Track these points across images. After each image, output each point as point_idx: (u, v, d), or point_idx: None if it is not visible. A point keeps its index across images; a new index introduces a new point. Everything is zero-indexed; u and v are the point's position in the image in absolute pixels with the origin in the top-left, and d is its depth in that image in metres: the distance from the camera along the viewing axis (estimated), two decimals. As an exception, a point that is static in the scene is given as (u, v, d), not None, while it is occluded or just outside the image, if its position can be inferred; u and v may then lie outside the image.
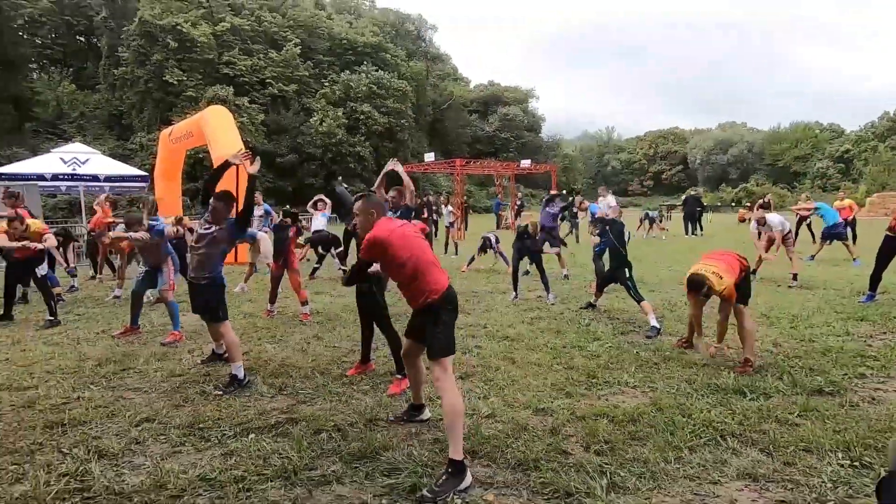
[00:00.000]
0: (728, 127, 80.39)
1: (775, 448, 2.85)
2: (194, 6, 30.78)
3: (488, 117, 59.95)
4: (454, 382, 2.66)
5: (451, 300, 2.77)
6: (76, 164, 12.80)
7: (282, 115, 29.97)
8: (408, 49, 48.19)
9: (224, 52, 29.47)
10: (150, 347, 4.87)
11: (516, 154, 58.05)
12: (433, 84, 54.73)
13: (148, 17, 27.70)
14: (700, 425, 3.12)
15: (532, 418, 3.24)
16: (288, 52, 31.41)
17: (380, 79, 33.45)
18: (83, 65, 38.27)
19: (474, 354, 4.57)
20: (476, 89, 66.64)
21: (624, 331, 5.35)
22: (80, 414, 3.29)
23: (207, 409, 3.39)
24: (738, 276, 4.17)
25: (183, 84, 27.58)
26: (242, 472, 2.60)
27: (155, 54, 27.41)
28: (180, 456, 2.80)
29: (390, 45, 39.90)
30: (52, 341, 5.09)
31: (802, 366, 4.16)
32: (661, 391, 3.69)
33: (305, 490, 2.46)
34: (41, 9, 37.40)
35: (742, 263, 4.28)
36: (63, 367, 4.24)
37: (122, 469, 2.66)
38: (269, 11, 33.29)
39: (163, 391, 3.76)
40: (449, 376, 2.61)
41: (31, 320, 6.00)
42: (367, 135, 31.26)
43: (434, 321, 2.72)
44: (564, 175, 67.44)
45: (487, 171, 22.56)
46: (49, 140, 26.75)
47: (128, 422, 3.19)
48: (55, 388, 3.79)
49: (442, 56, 62.53)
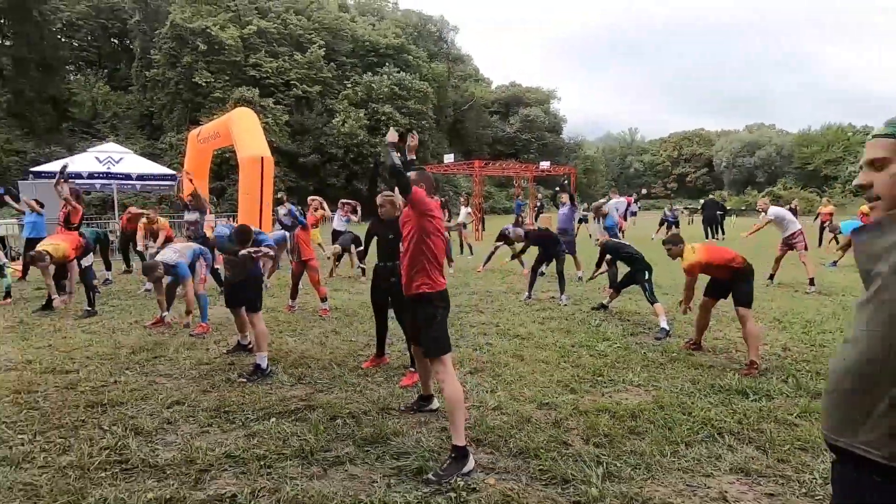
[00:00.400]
0: (755, 129, 78.53)
1: (771, 446, 2.94)
2: (223, 9, 31.63)
3: (509, 118, 59.88)
4: (454, 375, 2.83)
5: (445, 298, 2.94)
6: (111, 163, 13.39)
7: (305, 115, 30.57)
8: (429, 50, 48.44)
9: (251, 55, 30.22)
10: (179, 337, 5.17)
11: (537, 155, 57.86)
12: (455, 85, 54.91)
13: (179, 21, 28.60)
14: (699, 423, 3.22)
15: (536, 412, 3.39)
16: (312, 54, 32.02)
17: (401, 80, 33.81)
18: (117, 66, 39.63)
19: (484, 351, 4.73)
20: (497, 90, 66.61)
21: (633, 332, 5.44)
22: (118, 396, 3.58)
23: (232, 395, 3.64)
24: (716, 262, 4.32)
25: (211, 85, 28.40)
26: (264, 451, 2.82)
27: (185, 56, 28.29)
28: (208, 435, 3.04)
29: (412, 47, 40.23)
30: (89, 330, 5.45)
31: (809, 369, 4.21)
32: (664, 390, 3.79)
33: (321, 469, 2.67)
34: (78, 13, 38.89)
35: (736, 259, 4.36)
36: (100, 354, 4.56)
37: (156, 445, 2.91)
38: (294, 14, 33.98)
39: (191, 377, 4.02)
40: (448, 370, 2.78)
41: (71, 310, 6.38)
42: (387, 135, 31.67)
43: (427, 322, 2.87)
44: (585, 177, 66.89)
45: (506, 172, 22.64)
46: (84, 139, 27.82)
47: (160, 404, 3.46)
48: (94, 372, 4.09)
49: (463, 57, 62.65)
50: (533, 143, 58.62)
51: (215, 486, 2.51)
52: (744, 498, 2.46)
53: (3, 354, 4.56)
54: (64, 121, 32.11)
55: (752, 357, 4.21)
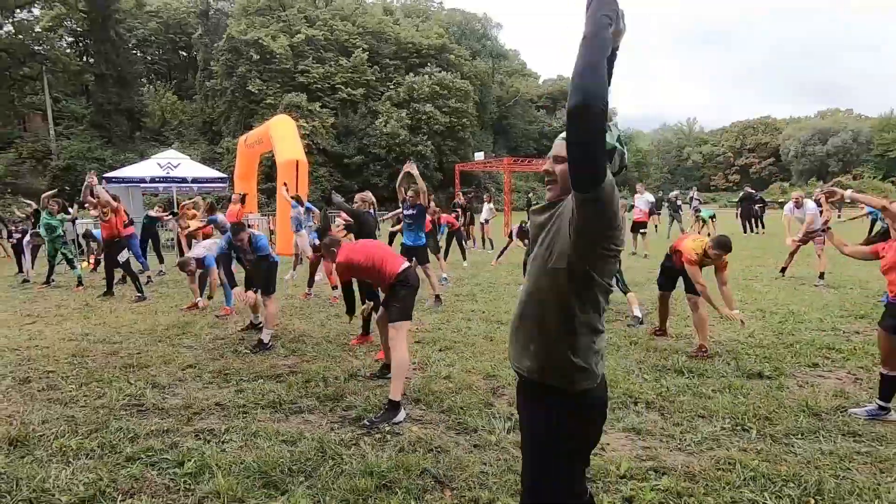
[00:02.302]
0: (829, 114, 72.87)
1: (673, 413, 3.31)
2: (274, 20, 33.61)
3: (556, 112, 59.12)
4: (405, 342, 3.42)
5: (403, 281, 3.52)
6: (170, 167, 14.95)
7: (350, 118, 31.99)
8: (472, 48, 48.84)
9: (299, 62, 31.97)
10: (207, 318, 6.06)
11: (587, 150, 56.76)
12: (500, 81, 54.99)
13: (234, 34, 30.78)
14: (621, 394, 3.62)
15: (479, 381, 3.91)
16: (356, 58, 33.38)
17: (442, 79, 34.52)
18: (184, 77, 42.97)
19: (462, 334, 5.26)
20: (545, 84, 65.90)
21: (610, 319, 5.77)
22: (146, 360, 4.43)
23: (235, 362, 4.40)
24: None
25: (263, 93, 30.37)
26: (244, 402, 3.53)
27: (240, 67, 30.43)
28: (207, 390, 3.79)
29: (454, 46, 40.83)
30: (137, 311, 6.47)
31: (759, 354, 4.44)
32: (608, 368, 4.16)
33: (284, 415, 3.34)
34: (150, 29, 42.49)
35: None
36: (141, 329, 5.51)
37: (166, 395, 3.70)
38: (340, 20, 35.50)
39: (208, 348, 4.84)
40: (401, 337, 3.37)
41: (127, 296, 7.50)
42: (428, 134, 32.50)
43: (393, 297, 3.50)
44: (637, 170, 64.92)
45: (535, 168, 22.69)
46: (154, 146, 30.56)
47: (177, 367, 4.27)
48: (133, 343, 5.01)
49: (507, 53, 62.42)
50: (580, 137, 57.61)
51: (202, 423, 3.23)
52: (622, 449, 2.88)
53: (69, 329, 5.61)
54: (137, 129, 35.33)
55: (702, 341, 4.49)
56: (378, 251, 3.63)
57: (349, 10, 37.18)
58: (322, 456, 2.77)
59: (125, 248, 7.45)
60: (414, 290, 3.61)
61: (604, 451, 2.84)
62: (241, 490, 2.43)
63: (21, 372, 4.18)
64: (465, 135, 35.67)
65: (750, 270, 9.04)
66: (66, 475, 2.57)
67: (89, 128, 33.21)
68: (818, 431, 3.03)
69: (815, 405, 3.37)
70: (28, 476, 2.56)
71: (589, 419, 1.49)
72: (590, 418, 1.49)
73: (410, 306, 3.55)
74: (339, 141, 31.18)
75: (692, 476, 2.56)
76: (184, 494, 2.43)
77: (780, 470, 2.59)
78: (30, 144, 29.50)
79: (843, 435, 2.99)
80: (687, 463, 2.69)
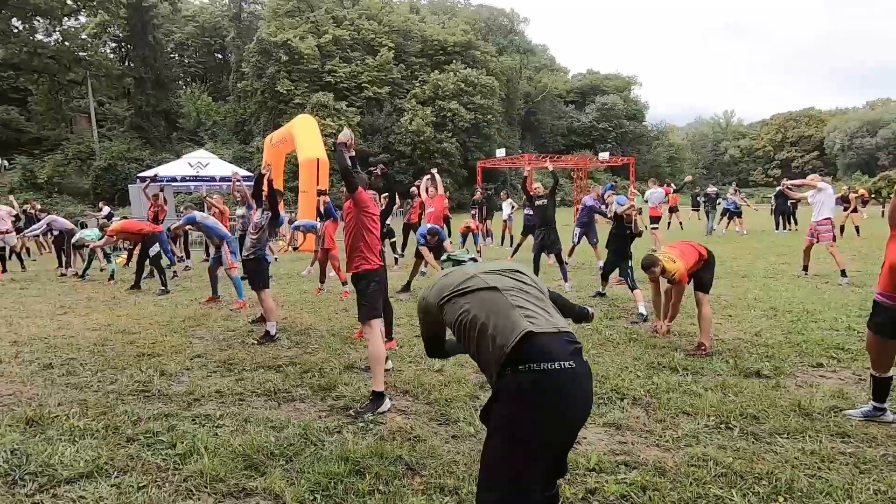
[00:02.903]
0: (879, 104, 69.12)
1: (658, 409, 3.30)
2: (303, 21, 34.31)
3: (585, 108, 58.13)
4: (378, 337, 3.51)
5: (379, 275, 3.63)
6: (199, 167, 15.54)
7: (375, 116, 32.39)
8: (499, 44, 48.58)
9: (326, 62, 32.56)
10: (222, 311, 6.33)
11: (615, 145, 55.69)
12: (528, 77, 54.49)
13: (264, 36, 31.62)
14: (609, 389, 3.62)
15: (471, 375, 3.97)
16: (382, 56, 33.74)
17: (468, 76, 34.49)
18: (219, 79, 44.39)
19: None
20: (574, 79, 64.89)
21: (614, 316, 5.73)
22: (159, 350, 4.69)
23: (240, 353, 4.60)
24: (693, 263, 4.45)
25: (291, 93, 31.09)
26: (242, 390, 3.71)
27: (269, 68, 31.25)
28: (210, 378, 3.99)
29: (480, 43, 40.73)
30: (159, 304, 6.82)
31: (760, 353, 4.33)
32: (601, 364, 4.17)
33: (276, 403, 3.50)
34: (187, 34, 44.09)
35: (701, 253, 4.52)
36: (160, 321, 5.81)
37: (172, 382, 3.91)
38: (367, 20, 35.94)
39: (217, 339, 5.08)
40: (374, 332, 3.47)
41: (152, 290, 7.88)
42: (453, 131, 32.55)
43: (361, 294, 3.57)
44: (669, 165, 63.15)
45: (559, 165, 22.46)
46: (189, 146, 31.70)
47: (186, 356, 4.50)
48: (150, 333, 5.30)
49: (534, 48, 61.74)
50: (610, 132, 56.39)
51: (201, 409, 3.42)
52: (597, 442, 2.90)
53: (95, 319, 5.96)
54: (174, 130, 36.75)
55: (703, 339, 4.42)
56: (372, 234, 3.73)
57: (376, 8, 37.58)
58: (305, 442, 2.90)
59: (156, 243, 7.84)
60: (382, 288, 3.76)
61: (579, 444, 2.87)
62: (224, 471, 2.58)
63: (46, 358, 4.50)
64: (491, 131, 35.54)
65: (774, 268, 8.75)
66: (71, 452, 2.78)
67: (129, 129, 34.75)
68: (805, 431, 2.97)
69: (809, 405, 3.29)
70: (37, 452, 2.78)
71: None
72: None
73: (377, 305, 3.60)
74: (364, 139, 31.61)
75: (662, 471, 2.57)
76: (172, 473, 2.59)
77: (754, 468, 2.57)
78: (75, 146, 31.09)
79: (831, 435, 2.92)
80: (660, 458, 2.69)
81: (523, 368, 1.47)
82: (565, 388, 1.48)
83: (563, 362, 1.48)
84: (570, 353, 1.53)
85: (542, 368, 1.46)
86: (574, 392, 1.51)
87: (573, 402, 1.52)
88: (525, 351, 1.49)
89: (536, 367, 1.46)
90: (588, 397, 1.60)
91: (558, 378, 1.47)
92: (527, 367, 1.47)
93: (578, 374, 1.52)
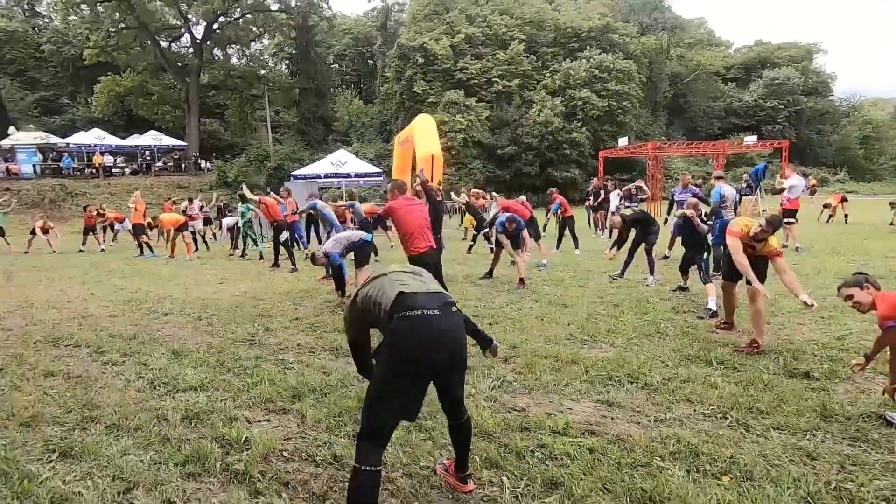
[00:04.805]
0: None
1: (663, 394, 3.37)
2: (439, 24, 36.19)
3: (750, 85, 51.05)
4: None
5: (420, 260, 4.24)
6: (339, 165, 17.81)
7: (504, 109, 32.77)
8: (642, 24, 45.13)
9: (458, 60, 33.89)
10: (329, 287, 7.56)
11: (786, 125, 48.08)
12: (679, 55, 49.75)
13: (403, 41, 34.11)
14: (624, 374, 3.74)
15: (502, 350, 4.36)
16: (513, 49, 33.93)
17: (602, 62, 32.91)
18: (370, 84, 49.14)
19: (521, 312, 5.68)
20: (736, 53, 57.41)
21: (682, 310, 5.53)
22: (271, 312, 5.95)
23: (327, 319, 5.61)
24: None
25: (426, 92, 33.09)
26: (316, 345, 4.64)
27: (407, 71, 33.63)
28: (298, 336, 5.01)
29: (619, 25, 38.39)
30: (286, 279, 8.35)
31: (829, 356, 3.96)
32: (636, 352, 4.24)
33: (335, 357, 4.34)
34: (344, 45, 49.52)
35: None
36: (280, 292, 7.21)
37: (270, 336, 5.03)
38: (499, 15, 36.41)
39: (315, 308, 6.20)
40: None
41: (285, 268, 9.58)
42: (583, 120, 31.42)
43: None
44: (863, 147, 52.32)
45: (689, 152, 20.35)
46: (340, 146, 35.88)
47: (287, 318, 5.65)
48: (270, 300, 6.66)
49: (686, 23, 55.94)
50: (781, 110, 48.61)
51: (283, 356, 4.41)
52: (580, 413, 3.15)
53: (240, 288, 7.62)
54: (329, 133, 41.80)
55: (756, 336, 4.20)
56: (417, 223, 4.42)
57: (508, 2, 37.87)
58: (340, 385, 3.66)
59: (284, 230, 9.55)
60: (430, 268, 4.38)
61: (561, 412, 3.15)
62: (276, 396, 3.46)
63: (198, 313, 6.04)
64: (626, 118, 33.45)
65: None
66: (191, 374, 3.94)
67: (295, 133, 40.51)
68: (811, 430, 2.84)
69: (838, 408, 3.07)
70: (172, 372, 3.99)
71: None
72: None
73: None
74: (492, 133, 32.29)
75: (621, 441, 2.76)
76: (243, 393, 3.56)
77: (718, 452, 2.61)
78: (255, 149, 37.34)
79: (841, 437, 2.77)
80: (628, 432, 2.87)
81: (397, 316, 1.97)
82: (429, 328, 1.95)
83: (427, 310, 1.95)
84: (437, 306, 1.98)
85: (408, 315, 1.95)
86: (434, 332, 1.96)
87: (435, 340, 1.97)
88: (398, 305, 1.98)
89: (406, 315, 1.95)
90: (456, 339, 2.03)
91: (422, 320, 1.94)
92: (400, 314, 1.97)
93: (441, 319, 1.97)
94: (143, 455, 2.71)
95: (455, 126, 31.19)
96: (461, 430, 2.27)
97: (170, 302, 6.68)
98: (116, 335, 5.07)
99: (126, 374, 3.97)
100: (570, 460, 2.56)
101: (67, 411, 3.28)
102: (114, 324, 5.58)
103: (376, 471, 1.93)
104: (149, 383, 3.78)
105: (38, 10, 41.61)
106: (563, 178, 30.70)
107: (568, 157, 31.61)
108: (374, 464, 1.91)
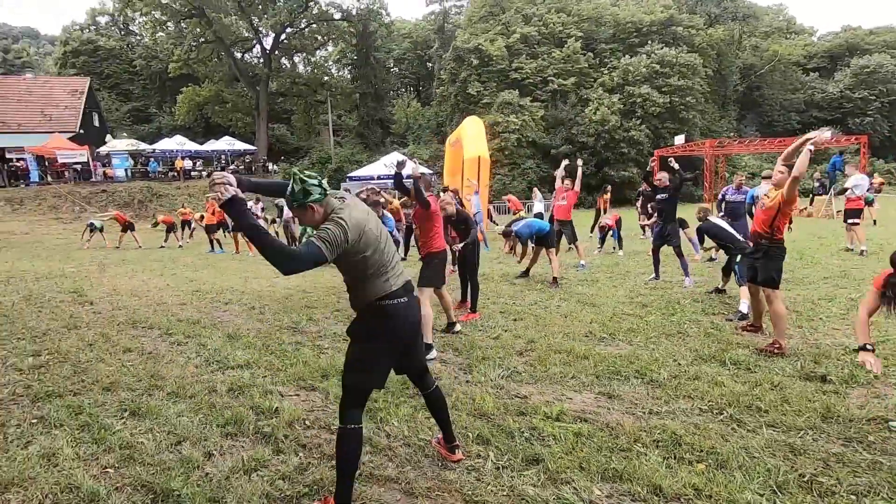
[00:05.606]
0: None
1: (665, 389, 3.48)
2: (495, 25, 36.32)
3: (835, 74, 47.05)
4: (428, 301, 4.45)
5: (437, 255, 4.57)
6: (392, 167, 18.49)
7: (559, 108, 32.32)
8: (710, 14, 42.78)
9: (514, 60, 33.84)
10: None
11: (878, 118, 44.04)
12: (752, 46, 46.74)
13: (458, 44, 34.57)
14: (633, 371, 3.87)
15: (519, 343, 4.61)
16: (569, 47, 33.40)
17: (663, 56, 31.64)
18: (427, 86, 50.12)
19: (548, 310, 5.85)
20: (821, 41, 53.12)
21: (710, 311, 5.48)
22: (317, 304, 6.51)
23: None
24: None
25: (480, 94, 33.33)
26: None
27: (462, 73, 34.03)
28: (336, 325, 5.49)
29: (683, 17, 36.66)
30: (335, 275, 8.94)
31: (851, 360, 3.86)
32: (651, 350, 4.33)
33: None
34: (403, 49, 50.84)
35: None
36: (327, 286, 7.78)
37: (312, 325, 5.54)
38: (555, 13, 35.96)
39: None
40: (425, 297, 4.42)
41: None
42: (643, 118, 30.35)
43: (424, 267, 4.60)
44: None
45: (753, 149, 19.14)
46: (396, 148, 36.94)
47: (330, 310, 6.17)
48: (318, 293, 7.24)
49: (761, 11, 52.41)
50: (871, 101, 44.45)
51: (321, 342, 4.89)
52: (578, 402, 3.34)
53: (291, 282, 8.29)
54: (387, 136, 43.11)
55: (777, 337, 4.17)
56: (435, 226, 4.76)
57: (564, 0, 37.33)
58: (365, 368, 4.05)
59: None
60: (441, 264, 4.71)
61: (560, 400, 3.36)
62: (308, 375, 3.91)
63: (252, 303, 6.71)
64: (690, 114, 31.93)
65: None
66: (240, 354, 4.49)
67: (355, 136, 42.13)
68: (807, 430, 2.87)
69: (844, 412, 3.06)
70: (224, 353, 4.57)
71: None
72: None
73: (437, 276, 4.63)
74: (547, 132, 31.98)
75: (609, 428, 2.93)
76: (281, 371, 4.04)
77: (700, 442, 2.73)
78: (318, 152, 39.24)
79: (835, 438, 2.79)
80: (618, 421, 3.03)
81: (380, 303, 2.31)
82: (415, 313, 2.31)
83: (409, 296, 2.29)
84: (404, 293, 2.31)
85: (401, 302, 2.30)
86: (413, 318, 2.31)
87: (414, 325, 2.32)
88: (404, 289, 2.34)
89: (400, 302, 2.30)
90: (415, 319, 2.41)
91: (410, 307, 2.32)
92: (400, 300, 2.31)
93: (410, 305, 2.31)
94: (194, 417, 3.22)
95: (509, 126, 31.19)
96: (434, 399, 2.58)
97: (230, 293, 7.43)
98: (183, 320, 5.79)
99: (187, 353, 4.59)
100: (554, 441, 2.79)
101: (139, 380, 3.90)
102: (182, 310, 6.34)
103: (360, 428, 2.29)
104: (205, 361, 4.37)
105: (131, 29, 46.04)
106: (620, 177, 29.87)
107: (626, 155, 30.70)
108: (357, 421, 2.27)
